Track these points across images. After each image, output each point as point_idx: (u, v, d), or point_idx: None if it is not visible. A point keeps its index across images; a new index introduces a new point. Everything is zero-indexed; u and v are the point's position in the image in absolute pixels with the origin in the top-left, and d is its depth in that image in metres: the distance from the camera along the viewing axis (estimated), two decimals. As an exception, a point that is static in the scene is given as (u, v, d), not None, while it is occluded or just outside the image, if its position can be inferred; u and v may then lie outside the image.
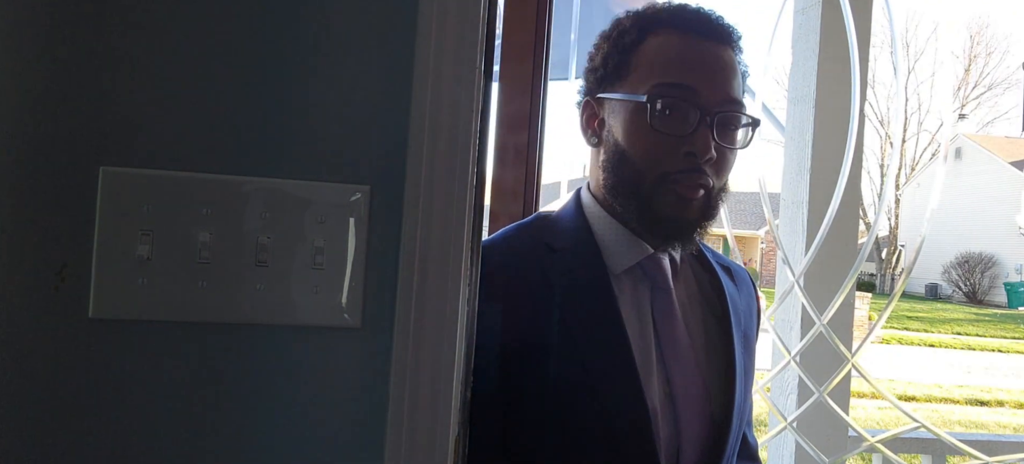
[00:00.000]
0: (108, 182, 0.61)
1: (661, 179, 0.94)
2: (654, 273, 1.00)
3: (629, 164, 0.96)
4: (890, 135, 24.33)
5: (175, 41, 0.63)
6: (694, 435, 0.96)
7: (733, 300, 1.06)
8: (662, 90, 0.94)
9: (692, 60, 0.95)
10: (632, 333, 0.95)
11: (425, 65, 0.67)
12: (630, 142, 0.96)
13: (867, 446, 2.33)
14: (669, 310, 0.99)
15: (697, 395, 0.97)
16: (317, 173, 0.66)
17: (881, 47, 14.93)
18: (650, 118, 0.94)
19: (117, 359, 0.62)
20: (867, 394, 8.12)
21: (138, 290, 0.62)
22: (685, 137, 0.93)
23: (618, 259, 0.99)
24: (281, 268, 0.65)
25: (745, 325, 1.07)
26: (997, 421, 8.43)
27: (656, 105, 0.94)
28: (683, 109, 0.93)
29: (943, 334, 15.95)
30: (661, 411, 0.94)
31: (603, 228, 1.01)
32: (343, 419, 0.66)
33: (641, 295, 0.99)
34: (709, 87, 0.94)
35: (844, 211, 2.26)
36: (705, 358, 1.00)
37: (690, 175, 0.94)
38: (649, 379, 0.94)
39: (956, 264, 25.52)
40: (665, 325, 0.98)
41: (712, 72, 0.95)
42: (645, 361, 0.95)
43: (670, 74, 0.95)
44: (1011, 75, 27.58)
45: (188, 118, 0.63)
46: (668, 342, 0.97)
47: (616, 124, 0.99)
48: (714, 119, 0.93)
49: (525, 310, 0.95)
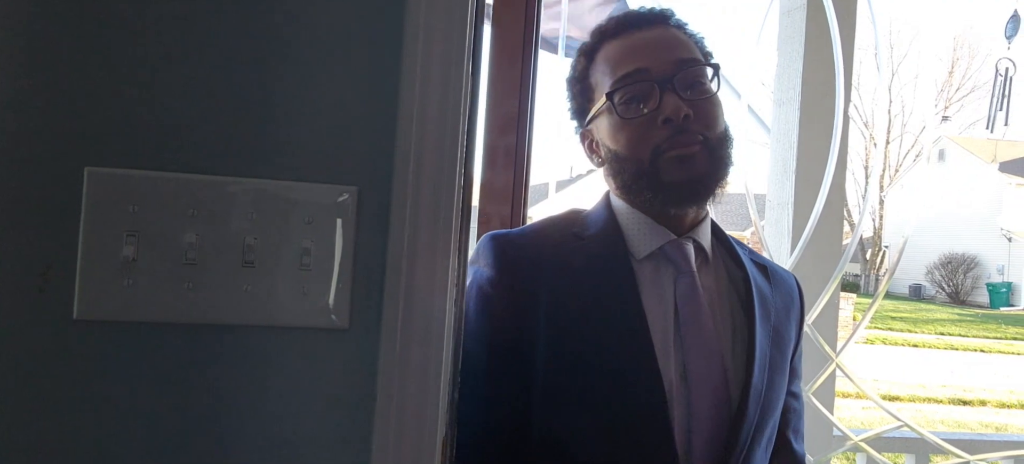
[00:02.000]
0: (93, 183, 0.61)
1: (655, 155, 1.00)
2: (677, 258, 1.04)
3: (625, 159, 1.03)
4: (874, 137, 24.52)
5: (161, 41, 0.63)
6: (709, 414, 0.98)
7: (761, 293, 1.09)
8: (618, 83, 1.03)
9: (633, 49, 1.04)
10: (651, 314, 1.00)
11: (413, 66, 0.67)
12: (616, 141, 1.04)
13: (851, 445, 2.34)
14: (692, 294, 1.02)
15: (714, 378, 1.00)
16: (304, 174, 0.65)
17: (865, 50, 15.03)
18: (618, 110, 1.02)
19: (102, 361, 0.62)
20: (852, 394, 8.18)
21: (123, 291, 0.62)
22: (656, 109, 1.00)
23: (641, 244, 1.05)
24: (268, 269, 0.65)
25: (777, 321, 1.09)
26: (979, 420, 8.51)
27: (617, 98, 1.02)
28: (643, 88, 1.01)
29: (926, 334, 16.08)
30: (676, 391, 0.98)
31: (628, 218, 1.07)
32: (330, 420, 0.66)
33: (663, 279, 1.03)
34: (657, 60, 1.02)
35: (829, 212, 2.28)
36: (729, 346, 1.03)
37: (678, 137, 0.99)
38: (666, 359, 0.98)
39: (939, 265, 25.74)
40: (687, 309, 1.02)
41: (655, 48, 1.04)
42: (663, 342, 0.99)
43: (620, 67, 1.03)
44: (989, 77, 27.81)
45: (174, 118, 0.63)
46: (688, 323, 1.01)
47: (604, 135, 1.07)
48: (673, 82, 1.00)
49: (552, 293, 1.00)
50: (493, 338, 1.02)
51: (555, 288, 1.01)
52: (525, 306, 1.00)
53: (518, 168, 1.56)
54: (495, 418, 1.01)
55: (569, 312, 0.99)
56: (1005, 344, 15.02)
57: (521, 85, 1.55)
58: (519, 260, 1.03)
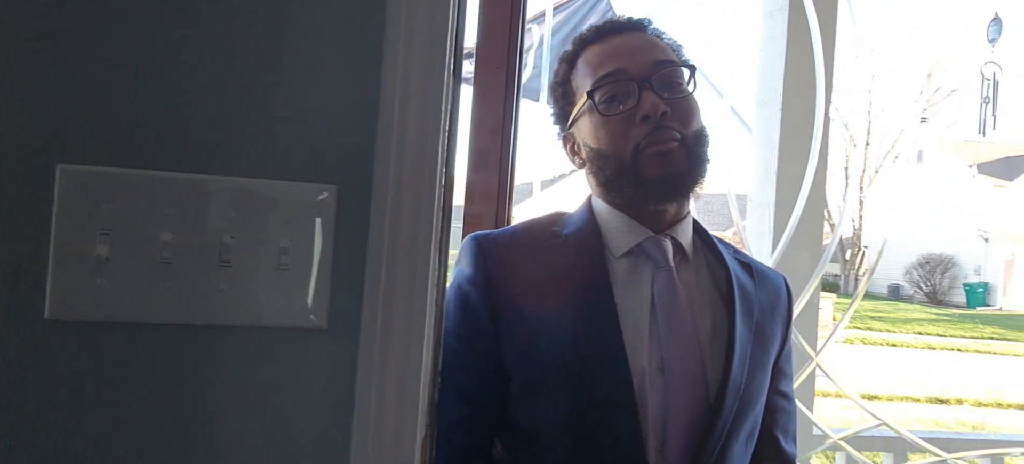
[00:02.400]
0: (66, 180, 0.60)
1: (635, 151, 1.03)
2: (655, 253, 1.07)
3: (605, 157, 1.07)
4: (854, 138, 24.76)
5: (138, 36, 0.62)
6: (684, 409, 1.00)
7: (744, 289, 1.11)
8: (598, 83, 1.06)
9: (613, 52, 1.09)
10: (627, 308, 1.03)
11: (394, 65, 0.66)
12: (597, 139, 1.07)
13: (831, 444, 2.36)
14: (669, 288, 1.05)
15: (692, 370, 1.02)
16: (283, 172, 0.65)
17: (846, 50, 15.15)
18: (598, 108, 1.06)
19: (75, 362, 0.61)
20: (831, 393, 8.22)
21: (97, 291, 0.61)
22: (634, 107, 1.03)
23: (619, 242, 1.08)
24: (246, 268, 0.64)
25: (760, 318, 1.11)
26: (957, 419, 8.61)
27: (598, 97, 1.06)
28: (622, 87, 1.05)
29: (905, 334, 16.25)
30: (650, 383, 1.00)
31: (607, 217, 1.11)
32: (309, 421, 0.66)
33: (641, 274, 1.06)
34: (635, 61, 1.06)
35: (809, 212, 2.30)
36: (708, 339, 1.05)
37: (656, 134, 1.02)
38: (639, 352, 1.01)
39: (917, 265, 26.02)
40: (664, 302, 1.04)
41: (632, 51, 1.08)
42: (638, 335, 1.01)
43: (600, 69, 1.08)
44: (972, 79, 28.17)
45: (150, 115, 0.62)
46: (666, 317, 1.03)
47: (585, 135, 1.10)
48: (651, 80, 1.04)
49: (531, 288, 1.05)
50: (472, 336, 1.05)
51: (532, 284, 1.05)
52: (502, 303, 1.04)
53: (503, 171, 1.59)
54: (473, 413, 1.05)
55: (544, 307, 1.03)
56: (982, 344, 15.22)
57: (506, 87, 1.57)
58: (498, 259, 1.07)
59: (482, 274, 1.06)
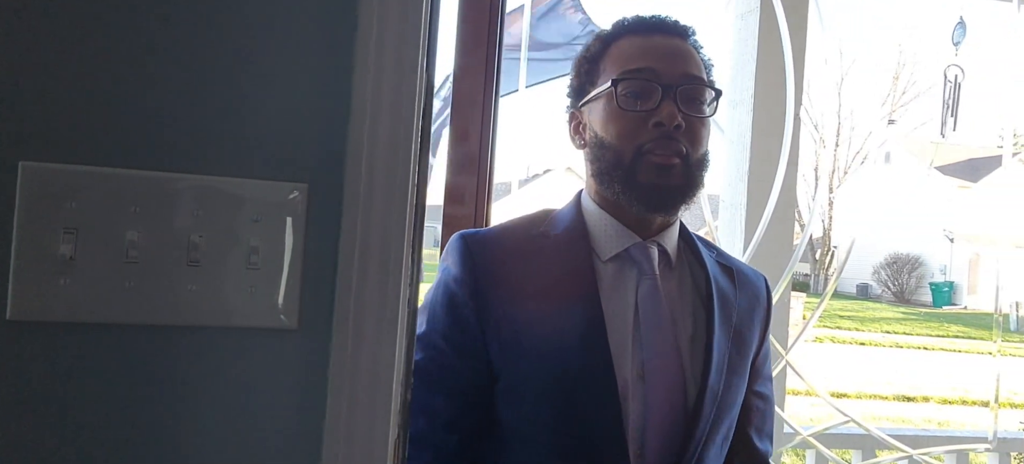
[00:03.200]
0: (28, 177, 0.58)
1: (638, 153, 1.03)
2: (641, 260, 1.07)
3: (608, 147, 1.06)
4: (824, 139, 25.08)
5: (103, 32, 0.60)
6: (664, 415, 1.01)
7: (723, 295, 1.11)
8: (625, 75, 1.05)
9: (650, 49, 1.08)
10: (612, 314, 1.03)
11: (366, 60, 0.66)
12: (605, 128, 1.07)
13: (800, 441, 2.39)
14: (653, 295, 1.05)
15: (671, 378, 1.03)
16: (253, 170, 0.64)
17: (816, 52, 15.33)
18: (618, 100, 1.05)
19: (38, 364, 0.59)
20: (801, 391, 8.35)
21: (60, 291, 0.59)
22: (652, 111, 1.03)
23: (606, 246, 1.08)
24: (214, 268, 0.63)
25: (739, 322, 1.12)
26: (923, 416, 8.77)
27: (621, 88, 1.05)
28: (647, 87, 1.04)
29: (873, 332, 16.52)
30: (632, 390, 1.01)
31: (594, 220, 1.11)
32: (280, 422, 0.65)
33: (626, 280, 1.07)
34: (668, 67, 1.05)
35: (780, 212, 2.32)
36: (688, 347, 1.06)
37: (663, 144, 1.03)
38: (623, 357, 1.01)
39: (885, 265, 26.46)
40: (647, 309, 1.04)
41: (669, 55, 1.07)
42: (621, 342, 1.02)
43: (632, 62, 1.07)
44: (938, 82, 28.66)
45: (116, 111, 0.61)
46: (648, 324, 1.03)
47: (594, 119, 1.10)
48: (677, 92, 1.04)
49: (517, 290, 1.04)
50: (459, 335, 1.05)
51: (518, 284, 1.05)
52: (490, 303, 1.04)
53: (481, 173, 1.61)
54: (460, 412, 1.05)
55: (530, 308, 1.03)
56: (947, 342, 15.52)
57: (484, 94, 1.59)
58: (485, 258, 1.06)
59: (469, 274, 1.05)
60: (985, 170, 26.22)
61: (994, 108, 36.87)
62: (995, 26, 20.11)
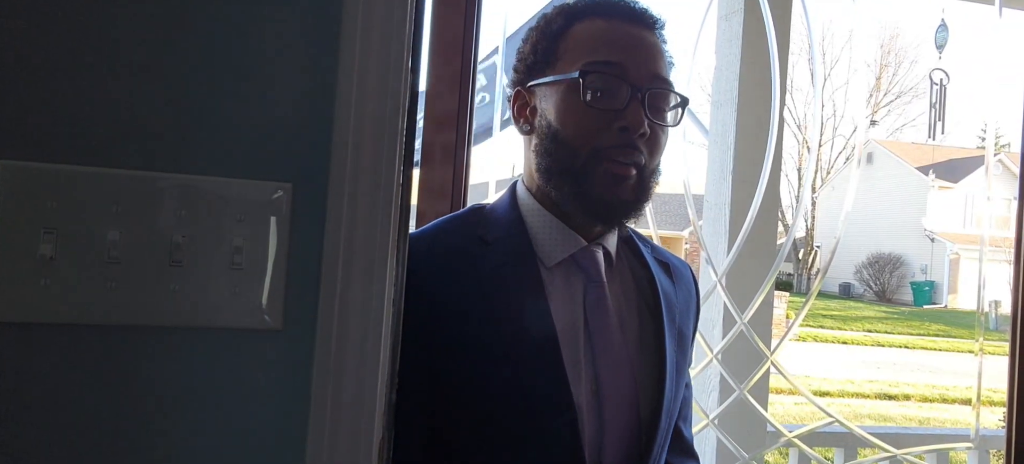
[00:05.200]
0: (8, 176, 0.58)
1: (594, 155, 0.94)
2: (587, 266, 1.00)
3: (562, 143, 0.96)
4: (807, 140, 25.26)
5: (84, 30, 0.60)
6: (620, 432, 0.96)
7: (667, 296, 1.06)
8: (593, 67, 0.95)
9: (620, 41, 0.98)
10: (562, 327, 0.95)
11: (351, 59, 0.65)
12: (563, 121, 0.96)
13: (785, 441, 2.41)
14: (601, 305, 0.99)
15: (625, 392, 0.97)
16: (236, 170, 0.63)
17: (799, 54, 15.43)
18: (583, 94, 0.94)
19: (18, 364, 0.59)
20: (785, 390, 8.42)
21: (41, 291, 0.59)
22: (618, 112, 0.94)
23: (550, 252, 0.99)
24: (197, 268, 0.62)
25: (680, 322, 1.08)
26: (904, 414, 8.86)
27: (588, 81, 0.95)
28: (614, 85, 0.95)
29: (855, 331, 16.67)
30: (587, 407, 0.94)
31: (536, 221, 1.01)
32: (263, 423, 0.64)
33: (574, 288, 0.99)
34: (638, 65, 0.96)
35: (764, 213, 2.33)
36: (637, 355, 1.00)
37: (623, 151, 0.94)
38: (577, 375, 0.94)
39: (867, 264, 26.70)
40: (597, 320, 0.98)
41: (640, 51, 0.98)
42: (573, 357, 0.95)
43: (600, 53, 0.96)
44: (919, 83, 28.95)
45: (97, 110, 0.60)
46: (599, 337, 0.97)
47: (549, 107, 0.99)
48: (645, 95, 0.95)
49: (456, 302, 0.94)
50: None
51: (461, 297, 0.95)
52: (426, 314, 0.91)
53: (457, 165, 1.54)
54: (400, 433, 0.90)
55: (475, 323, 0.93)
56: (928, 340, 15.69)
57: (461, 80, 1.54)
58: (421, 266, 0.93)
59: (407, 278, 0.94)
60: (965, 170, 26.52)
61: (974, 108, 37.27)
62: (974, 27, 20.31)
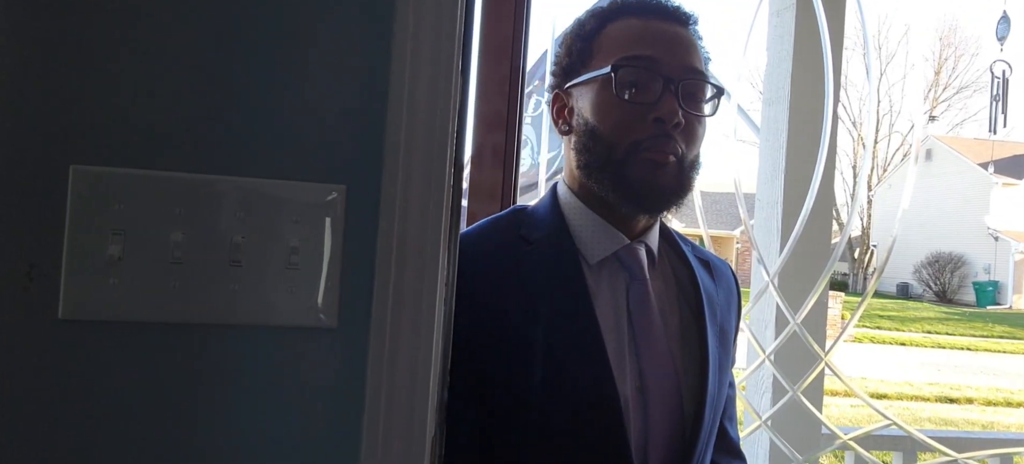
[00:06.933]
0: (79, 180, 0.60)
1: (632, 148, 0.96)
2: (630, 263, 1.01)
3: (600, 139, 0.98)
4: (862, 137, 24.65)
5: (149, 38, 0.62)
6: (664, 427, 0.97)
7: (709, 293, 1.07)
8: (626, 61, 0.97)
9: (653, 36, 1.00)
10: (606, 324, 0.97)
11: (402, 64, 0.66)
12: (599, 116, 0.99)
13: (840, 444, 2.35)
14: (644, 301, 1.00)
15: (669, 387, 0.98)
16: (292, 172, 0.65)
17: (853, 50, 15.08)
18: (616, 88, 0.97)
19: (87, 361, 0.61)
20: (840, 392, 8.22)
21: (109, 291, 0.61)
22: (652, 104, 0.96)
23: (593, 249, 1.01)
24: (256, 268, 0.64)
25: (722, 319, 1.08)
26: (966, 418, 8.57)
27: (621, 75, 0.97)
28: (647, 78, 0.97)
29: (914, 332, 16.19)
30: (632, 402, 0.96)
31: (578, 219, 1.03)
32: (319, 420, 0.66)
33: (617, 286, 1.00)
34: (671, 58, 0.98)
35: (817, 211, 2.29)
36: (679, 351, 1.01)
37: (659, 141, 0.96)
38: (622, 370, 0.96)
39: (926, 263, 25.91)
40: (640, 316, 0.99)
41: (673, 45, 1.00)
42: (618, 352, 0.96)
43: (633, 48, 0.99)
44: (980, 77, 28.06)
45: (161, 116, 0.62)
46: (642, 333, 0.98)
47: (585, 105, 1.01)
48: (679, 86, 0.97)
49: (500, 302, 0.96)
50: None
51: (504, 297, 0.96)
52: (471, 315, 0.91)
53: (507, 166, 1.55)
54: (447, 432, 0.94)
55: (518, 320, 0.95)
56: (991, 342, 15.15)
57: (510, 82, 1.55)
58: (463, 267, 0.93)
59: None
60: (1031, 166, 25.54)
61: (1040, 102, 35.89)
62: (1041, 18, 19.52)
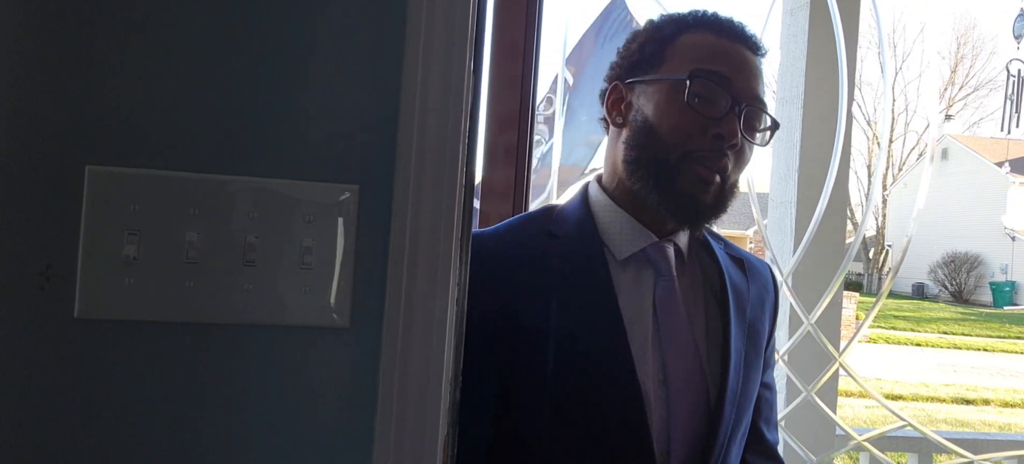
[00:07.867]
0: (94, 181, 0.61)
1: (685, 156, 0.99)
2: (658, 260, 1.03)
3: (656, 139, 1.00)
4: (877, 136, 24.48)
5: (163, 39, 0.62)
6: (688, 420, 0.99)
7: (736, 289, 1.09)
8: (702, 73, 1.00)
9: (728, 55, 1.03)
10: (631, 318, 0.99)
11: (414, 64, 0.67)
12: (661, 118, 1.01)
13: (854, 445, 2.34)
14: (671, 297, 1.02)
15: (693, 381, 1.00)
16: (305, 172, 0.65)
17: (868, 48, 14.98)
18: (688, 96, 0.99)
19: (103, 360, 0.62)
20: (854, 393, 8.17)
21: (124, 290, 0.62)
22: (716, 120, 0.98)
23: (621, 246, 1.03)
24: (269, 268, 0.65)
25: (752, 316, 1.09)
26: (982, 419, 8.50)
27: (694, 85, 0.99)
28: (717, 94, 0.99)
29: (929, 333, 16.07)
30: (655, 395, 0.97)
31: (608, 217, 1.05)
32: (331, 419, 0.66)
33: (644, 282, 1.03)
34: (741, 81, 1.01)
35: (831, 211, 2.27)
36: (705, 346, 1.03)
37: (712, 155, 0.99)
38: (644, 364, 0.98)
39: (942, 264, 25.69)
40: (665, 312, 1.01)
41: (744, 69, 1.03)
42: (641, 346, 0.98)
43: (709, 62, 1.01)
44: (996, 76, 27.75)
45: (176, 117, 0.63)
46: (667, 328, 1.00)
47: (647, 103, 1.03)
48: (743, 110, 1.00)
49: (524, 294, 0.99)
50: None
51: (528, 288, 0.99)
52: (495, 307, 0.97)
53: (519, 166, 1.55)
54: (468, 421, 0.94)
55: (543, 314, 0.98)
56: (1008, 343, 15.01)
57: (523, 81, 1.55)
58: (489, 260, 0.99)
59: (474, 277, 0.93)
60: (1049, 166, 25.25)
61: (1058, 101, 35.46)
62: (1059, 16, 19.26)
